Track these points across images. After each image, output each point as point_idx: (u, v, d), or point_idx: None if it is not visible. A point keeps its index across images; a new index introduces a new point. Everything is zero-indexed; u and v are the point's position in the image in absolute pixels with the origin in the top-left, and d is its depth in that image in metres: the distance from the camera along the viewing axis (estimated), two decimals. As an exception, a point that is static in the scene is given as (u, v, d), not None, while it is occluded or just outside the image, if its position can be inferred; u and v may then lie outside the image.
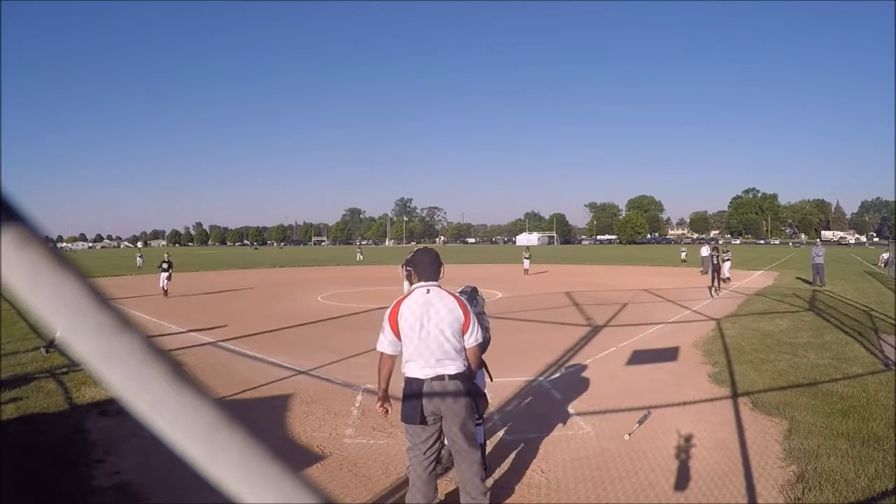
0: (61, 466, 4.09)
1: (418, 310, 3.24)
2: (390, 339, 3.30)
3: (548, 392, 6.20)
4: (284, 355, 8.07)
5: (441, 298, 3.27)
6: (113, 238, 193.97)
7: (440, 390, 3.17)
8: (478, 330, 3.31)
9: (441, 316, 3.22)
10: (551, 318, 11.25)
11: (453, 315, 3.24)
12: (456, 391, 3.19)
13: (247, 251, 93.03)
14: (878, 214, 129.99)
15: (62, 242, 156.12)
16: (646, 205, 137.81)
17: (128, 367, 0.30)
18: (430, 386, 3.17)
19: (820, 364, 6.99)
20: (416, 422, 3.19)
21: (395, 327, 3.28)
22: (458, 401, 3.19)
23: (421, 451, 3.27)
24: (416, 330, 3.21)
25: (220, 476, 0.31)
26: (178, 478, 3.64)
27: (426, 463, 3.28)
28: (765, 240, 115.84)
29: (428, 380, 3.18)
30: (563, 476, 4.07)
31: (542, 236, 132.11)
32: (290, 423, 5.17)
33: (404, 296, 3.38)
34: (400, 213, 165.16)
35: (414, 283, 3.42)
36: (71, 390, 6.05)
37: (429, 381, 3.18)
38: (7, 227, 0.29)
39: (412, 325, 3.22)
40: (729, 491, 3.72)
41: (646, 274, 26.35)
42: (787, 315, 11.40)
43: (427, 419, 3.20)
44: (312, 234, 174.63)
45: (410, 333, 3.22)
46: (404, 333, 3.25)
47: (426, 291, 3.30)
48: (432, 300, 3.26)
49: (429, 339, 3.19)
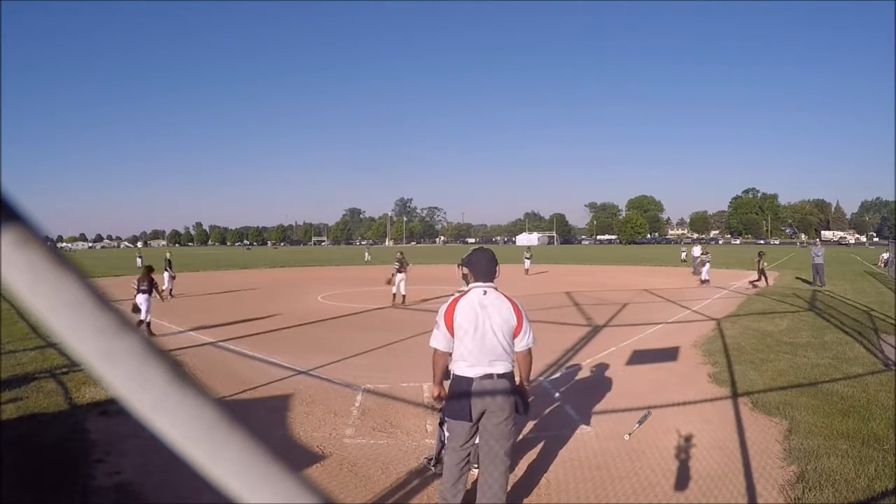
0: (61, 466, 4.09)
1: (474, 310, 3.29)
2: (445, 336, 3.34)
3: (548, 392, 6.20)
4: (284, 355, 8.07)
5: (497, 301, 3.33)
6: (113, 238, 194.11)
7: (490, 388, 3.22)
8: (529, 335, 3.35)
9: (495, 318, 3.27)
10: (551, 318, 11.26)
11: (507, 318, 3.28)
12: (504, 390, 3.24)
13: (245, 251, 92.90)
14: (878, 214, 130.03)
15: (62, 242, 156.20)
16: (646, 205, 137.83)
17: (128, 368, 0.30)
18: (479, 384, 3.22)
19: (820, 364, 6.99)
20: (465, 418, 3.23)
21: (450, 325, 3.32)
22: (505, 399, 3.23)
23: (458, 446, 3.31)
24: (470, 330, 3.26)
25: (220, 476, 0.31)
26: (178, 478, 3.64)
27: (461, 455, 3.33)
28: (765, 240, 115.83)
29: (478, 378, 3.23)
30: (563, 476, 4.07)
31: (542, 236, 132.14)
32: (290, 423, 5.17)
33: (460, 295, 3.41)
34: (400, 213, 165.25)
35: (470, 283, 3.46)
36: (71, 390, 6.05)
37: (479, 380, 3.23)
38: (7, 227, 0.29)
39: (467, 325, 3.27)
40: (729, 491, 3.72)
41: (646, 274, 26.35)
42: (788, 315, 11.40)
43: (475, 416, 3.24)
44: (312, 234, 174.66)
45: (464, 333, 3.27)
46: (458, 332, 3.29)
47: (483, 293, 3.35)
48: (488, 302, 3.31)
49: (483, 339, 3.24)
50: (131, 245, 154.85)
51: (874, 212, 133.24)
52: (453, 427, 3.34)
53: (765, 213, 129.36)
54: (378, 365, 7.47)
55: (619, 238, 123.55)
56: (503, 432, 3.28)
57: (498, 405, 3.23)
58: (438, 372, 3.42)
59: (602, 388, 6.25)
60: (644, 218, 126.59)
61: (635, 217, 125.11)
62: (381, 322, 11.64)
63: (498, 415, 3.24)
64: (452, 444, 3.34)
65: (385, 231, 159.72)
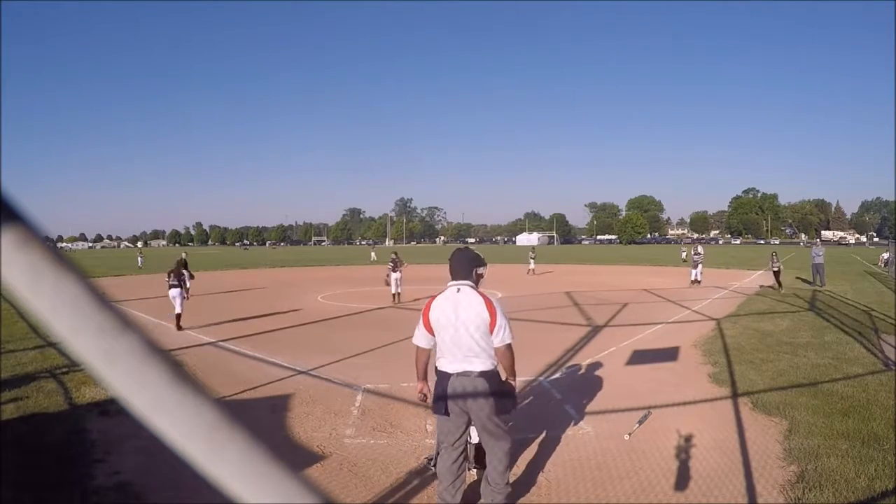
0: (61, 466, 4.09)
1: (448, 307, 3.38)
2: (423, 333, 3.48)
3: (548, 392, 6.20)
4: (284, 355, 8.07)
5: (469, 298, 3.39)
6: (113, 238, 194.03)
7: (467, 385, 3.30)
8: (505, 331, 3.37)
9: (469, 314, 3.34)
10: (551, 318, 11.27)
11: (480, 315, 3.33)
12: (480, 387, 3.30)
13: (245, 251, 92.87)
14: (878, 214, 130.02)
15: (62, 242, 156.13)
16: (646, 205, 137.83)
17: (128, 367, 0.30)
18: (457, 380, 3.31)
19: (820, 364, 6.99)
20: (441, 412, 3.35)
21: (427, 323, 3.45)
22: (481, 397, 3.30)
23: (449, 443, 3.39)
24: (446, 327, 3.35)
25: (220, 476, 0.31)
26: (178, 478, 3.64)
27: (454, 455, 3.40)
28: (765, 240, 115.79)
29: (455, 374, 3.32)
30: (563, 476, 4.07)
31: (542, 236, 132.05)
32: (290, 423, 5.17)
33: (438, 294, 3.52)
34: (400, 213, 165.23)
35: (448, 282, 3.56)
36: (71, 390, 6.05)
37: (455, 376, 3.31)
38: (7, 227, 0.29)
39: (443, 321, 3.37)
40: (729, 491, 3.72)
41: (646, 274, 26.35)
42: (788, 315, 11.41)
43: (451, 411, 3.32)
44: (312, 234, 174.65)
45: (441, 330, 3.37)
46: (436, 329, 3.41)
47: (456, 290, 3.44)
48: (461, 299, 3.39)
49: (457, 335, 3.33)
50: (131, 245, 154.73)
51: (874, 212, 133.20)
52: (439, 424, 3.45)
53: (765, 213, 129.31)
54: (378, 365, 7.47)
55: (619, 238, 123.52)
56: (491, 429, 3.35)
57: (477, 403, 3.30)
58: (420, 368, 3.57)
59: (602, 388, 6.25)
60: (644, 218, 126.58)
61: (635, 217, 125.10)
62: (381, 322, 11.64)
63: (477, 413, 3.32)
64: (443, 442, 3.42)
65: (385, 231, 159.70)
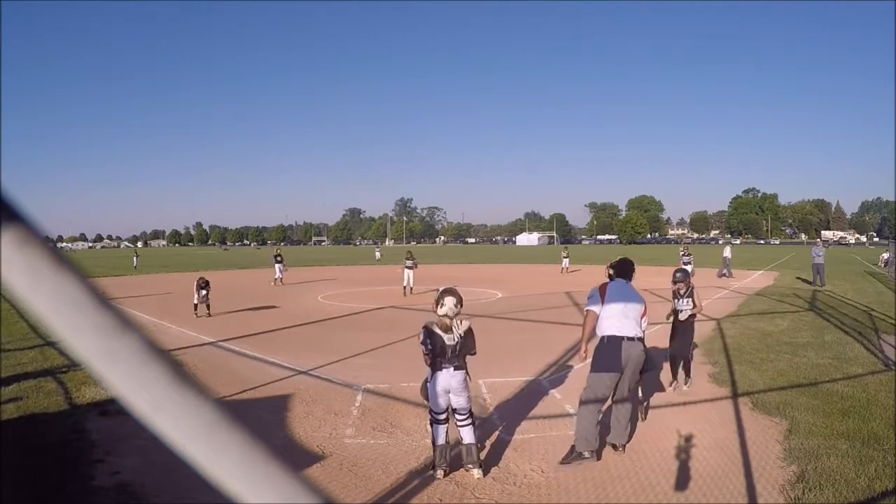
0: (61, 466, 4.09)
1: (620, 291, 4.65)
2: (598, 302, 4.59)
3: (548, 392, 6.20)
4: (284, 355, 8.07)
5: (632, 290, 4.75)
6: (113, 238, 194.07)
7: (632, 347, 4.40)
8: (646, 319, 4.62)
9: (632, 300, 4.60)
10: (551, 318, 11.29)
11: (638, 302, 4.61)
12: (642, 349, 4.47)
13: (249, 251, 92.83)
14: (879, 214, 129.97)
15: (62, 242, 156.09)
16: (646, 205, 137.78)
17: (128, 367, 0.30)
18: (627, 343, 4.39)
19: (820, 364, 6.99)
20: (617, 370, 4.36)
21: (602, 296, 4.61)
22: (640, 355, 4.45)
23: (596, 397, 4.32)
24: (618, 303, 4.50)
25: (220, 476, 0.31)
26: (178, 478, 3.64)
27: (596, 412, 4.29)
28: (765, 240, 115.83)
29: (626, 338, 4.39)
30: (563, 476, 4.07)
31: (542, 236, 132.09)
32: (290, 423, 5.17)
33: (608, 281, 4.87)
34: (400, 213, 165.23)
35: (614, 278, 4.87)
36: (71, 390, 6.05)
37: (626, 340, 4.39)
38: (7, 227, 0.29)
39: (616, 299, 4.54)
40: (729, 491, 3.72)
41: (646, 274, 26.25)
42: (788, 315, 11.41)
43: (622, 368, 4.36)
44: (312, 234, 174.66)
45: (613, 305, 4.50)
46: (609, 303, 4.52)
47: (625, 283, 4.78)
48: (628, 289, 4.72)
49: (626, 311, 4.48)
50: (131, 245, 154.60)
51: (874, 212, 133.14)
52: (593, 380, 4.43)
53: (765, 213, 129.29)
54: (378, 365, 7.47)
55: (619, 238, 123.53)
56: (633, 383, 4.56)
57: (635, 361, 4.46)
58: (588, 330, 4.68)
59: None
60: (644, 218, 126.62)
61: (635, 217, 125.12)
62: (381, 322, 11.64)
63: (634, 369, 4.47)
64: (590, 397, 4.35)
65: (385, 231, 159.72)
